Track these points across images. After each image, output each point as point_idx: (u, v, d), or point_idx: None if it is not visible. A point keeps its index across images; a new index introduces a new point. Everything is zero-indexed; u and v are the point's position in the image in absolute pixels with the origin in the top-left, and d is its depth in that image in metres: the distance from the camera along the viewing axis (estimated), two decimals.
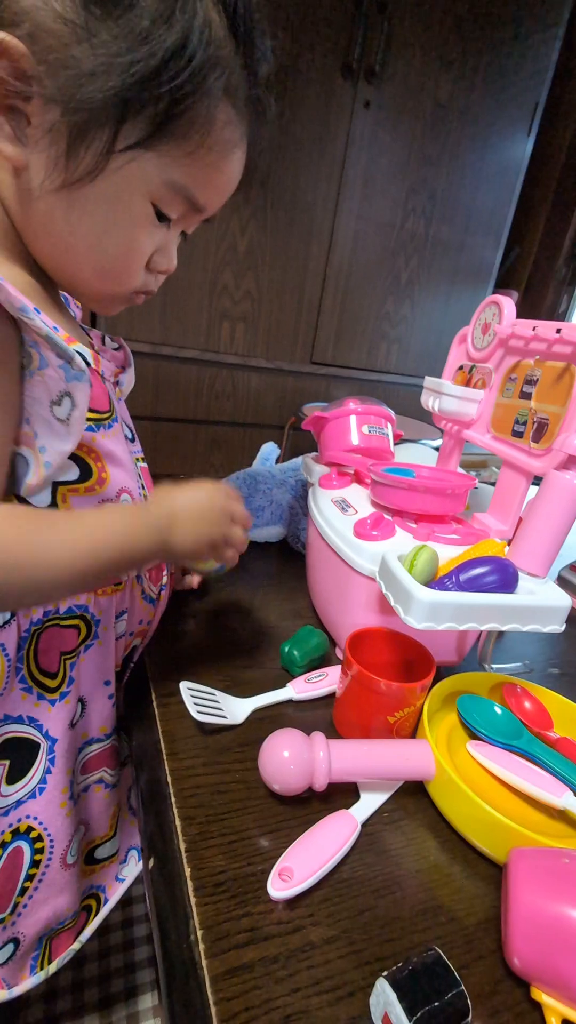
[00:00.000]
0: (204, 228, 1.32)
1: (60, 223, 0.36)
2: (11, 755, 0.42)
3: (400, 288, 1.45)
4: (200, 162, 0.37)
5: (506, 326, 0.51)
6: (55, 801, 0.44)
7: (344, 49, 1.15)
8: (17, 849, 0.43)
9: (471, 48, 1.26)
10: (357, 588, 0.49)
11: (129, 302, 0.44)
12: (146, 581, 0.50)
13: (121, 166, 0.35)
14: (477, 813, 0.36)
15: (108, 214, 0.37)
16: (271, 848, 0.35)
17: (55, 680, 0.43)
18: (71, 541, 0.36)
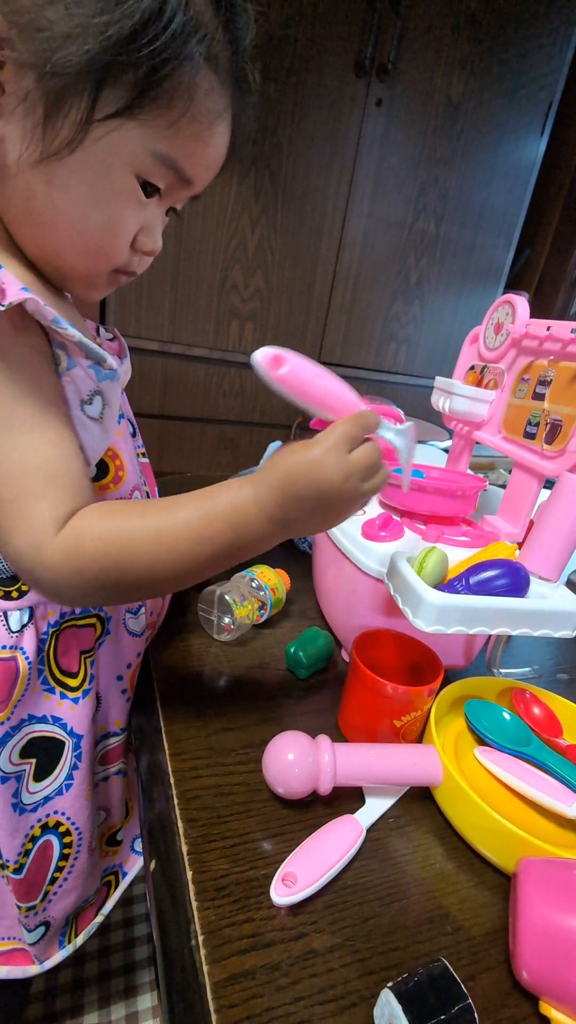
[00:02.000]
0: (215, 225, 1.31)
1: (41, 200, 0.35)
2: (37, 754, 0.43)
3: (410, 288, 1.44)
4: (184, 132, 0.35)
5: (520, 325, 0.50)
6: (82, 795, 0.45)
7: (357, 47, 1.15)
8: (47, 843, 0.45)
9: (484, 47, 1.25)
10: (364, 589, 0.49)
11: (112, 284, 0.42)
12: None
13: (102, 137, 0.33)
14: (485, 821, 0.35)
15: (90, 189, 0.35)
16: (274, 852, 0.35)
17: (77, 679, 0.43)
18: (188, 533, 0.34)
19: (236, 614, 0.52)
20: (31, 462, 0.33)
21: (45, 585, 0.34)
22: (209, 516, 0.35)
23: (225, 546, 0.35)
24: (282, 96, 1.13)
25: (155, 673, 0.49)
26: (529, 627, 0.40)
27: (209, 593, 0.54)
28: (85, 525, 0.33)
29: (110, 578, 0.34)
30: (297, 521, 0.36)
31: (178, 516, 0.35)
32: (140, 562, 0.34)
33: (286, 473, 0.34)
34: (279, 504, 0.34)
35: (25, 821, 0.44)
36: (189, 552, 0.34)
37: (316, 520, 0.36)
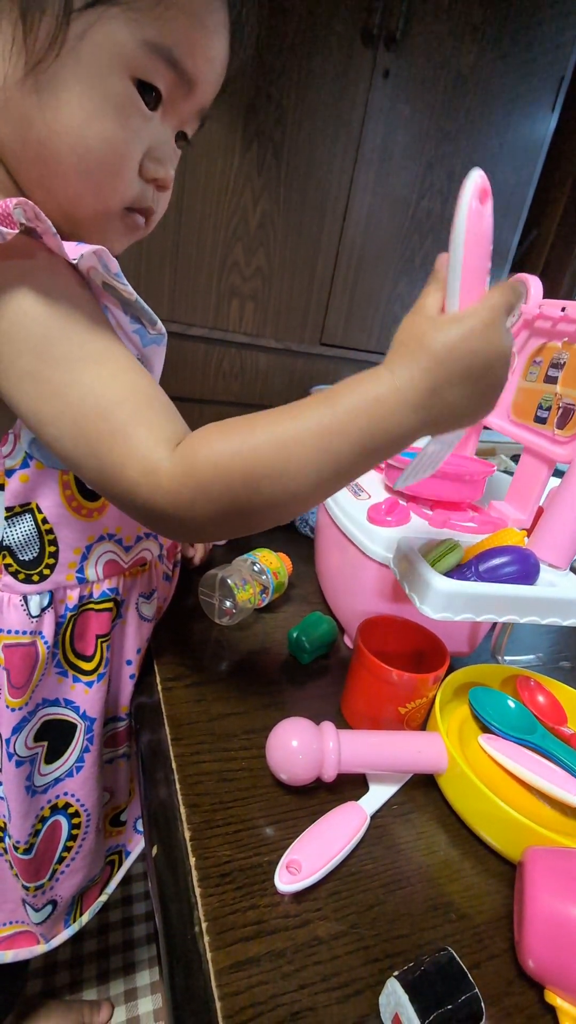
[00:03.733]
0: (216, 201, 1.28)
1: (36, 128, 0.32)
2: (49, 737, 0.43)
3: (414, 269, 1.41)
4: (175, 12, 0.32)
5: (532, 306, 0.49)
6: (92, 777, 0.46)
7: (364, 15, 1.10)
8: (56, 823, 0.45)
9: (495, 16, 1.21)
10: (369, 575, 0.48)
11: (129, 231, 0.38)
12: (165, 560, 0.50)
13: (85, 31, 0.30)
14: (490, 809, 0.35)
15: (83, 100, 0.32)
16: (277, 838, 0.35)
17: (91, 663, 0.43)
18: (319, 438, 0.29)
19: (237, 598, 0.51)
20: (120, 391, 0.30)
21: (169, 516, 0.30)
22: (342, 415, 0.29)
23: (363, 448, 0.30)
24: (286, 66, 1.09)
25: (156, 657, 0.48)
26: (538, 615, 0.40)
27: (210, 576, 0.53)
28: (200, 442, 0.30)
29: (239, 497, 0.29)
30: (453, 407, 0.30)
31: (307, 419, 0.30)
32: (269, 474, 0.29)
33: (442, 350, 0.29)
34: (432, 389, 0.29)
35: (36, 803, 0.44)
36: (322, 458, 0.29)
37: (475, 403, 0.31)
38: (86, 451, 0.30)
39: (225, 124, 1.09)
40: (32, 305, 0.30)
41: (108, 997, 0.69)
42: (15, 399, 0.31)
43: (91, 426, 0.30)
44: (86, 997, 0.69)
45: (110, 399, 0.30)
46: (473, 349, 0.29)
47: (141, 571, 0.46)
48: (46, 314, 0.30)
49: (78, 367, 0.30)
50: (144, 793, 0.39)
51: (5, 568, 0.39)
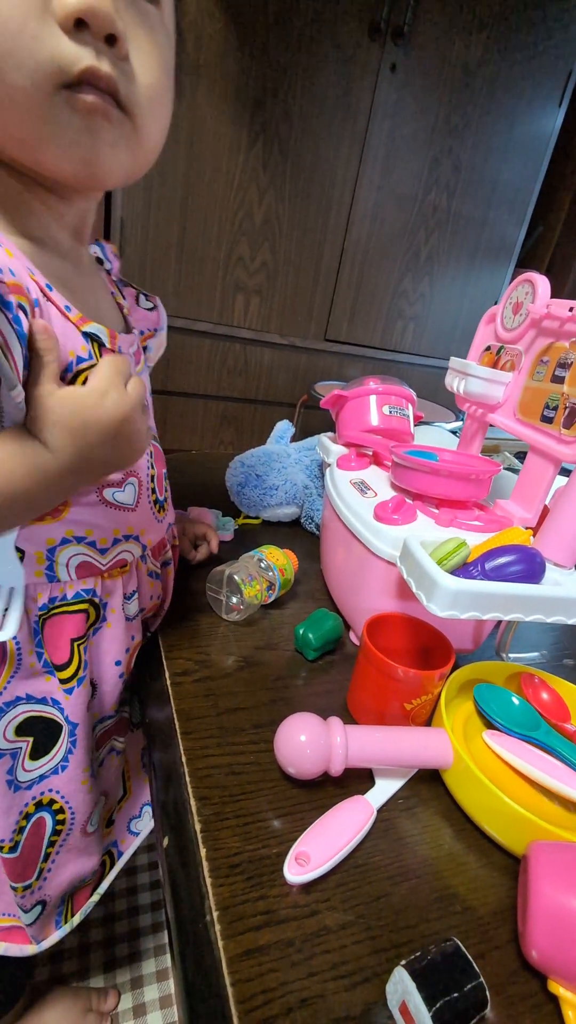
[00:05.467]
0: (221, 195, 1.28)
1: None
2: (34, 733, 0.43)
3: (419, 265, 1.41)
4: None
5: (540, 305, 0.49)
6: (77, 779, 0.45)
7: (372, 8, 1.10)
8: (40, 820, 0.44)
9: (502, 10, 1.20)
10: (375, 572, 0.48)
11: (89, 115, 0.29)
12: (149, 560, 0.48)
13: None
14: (494, 803, 0.36)
15: None
16: (285, 831, 0.35)
17: (68, 670, 0.42)
18: None
19: (244, 594, 0.52)
20: None
21: None
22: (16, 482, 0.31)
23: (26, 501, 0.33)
24: (293, 60, 1.09)
25: (165, 652, 0.49)
26: (543, 613, 0.40)
27: (218, 572, 0.53)
28: None
29: None
30: (101, 462, 0.36)
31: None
32: None
33: (78, 422, 0.32)
34: (79, 454, 0.33)
35: (20, 798, 0.43)
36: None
37: (119, 455, 0.36)
38: None
39: (231, 119, 1.09)
40: None
41: (115, 984, 0.71)
42: None
43: None
44: (93, 984, 0.70)
45: None
46: (98, 417, 0.33)
47: (122, 571, 0.45)
48: None
49: None
50: (155, 786, 0.39)
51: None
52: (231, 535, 0.69)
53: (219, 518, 0.70)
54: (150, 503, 0.46)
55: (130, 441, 0.36)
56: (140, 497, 0.45)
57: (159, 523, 0.48)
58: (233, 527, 0.70)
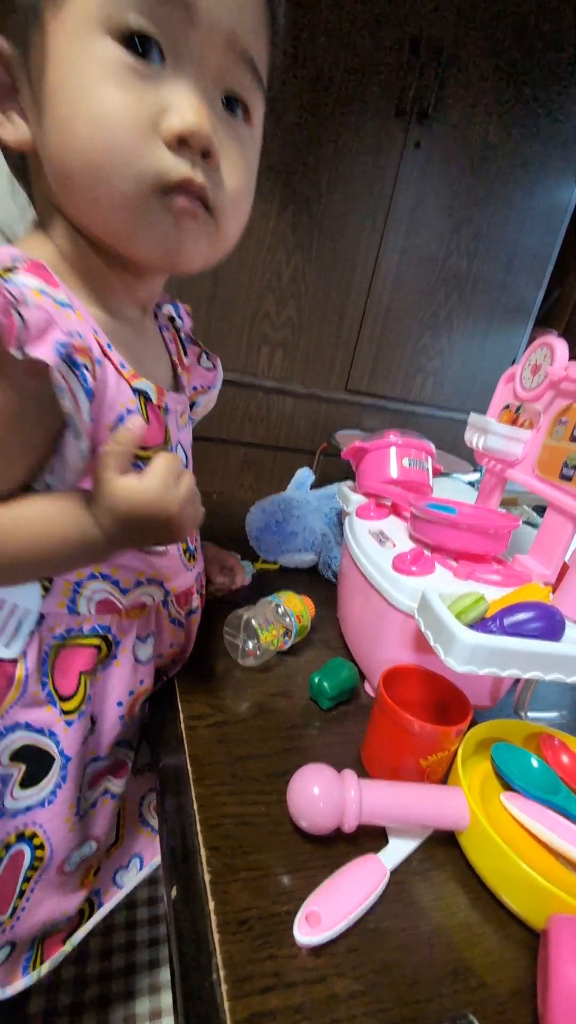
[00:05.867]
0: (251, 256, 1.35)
1: (47, 147, 0.32)
2: (27, 761, 0.42)
3: (438, 323, 1.46)
4: None
5: (559, 368, 0.51)
6: (61, 815, 0.44)
7: (399, 91, 1.19)
8: (19, 852, 0.43)
9: (522, 95, 1.29)
10: (392, 623, 0.49)
11: (181, 216, 0.33)
12: (172, 606, 0.49)
13: (57, 14, 0.30)
14: (512, 871, 0.34)
15: (67, 89, 0.30)
16: (296, 888, 0.34)
17: (73, 701, 0.43)
18: (20, 552, 0.35)
19: (261, 639, 0.52)
20: None
21: None
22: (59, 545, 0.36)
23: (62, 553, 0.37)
24: (323, 137, 1.18)
25: (180, 695, 0.49)
26: (563, 673, 0.40)
27: (236, 617, 0.54)
28: None
29: None
30: (139, 543, 0.41)
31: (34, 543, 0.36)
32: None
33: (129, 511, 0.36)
34: (122, 536, 0.37)
35: (2, 827, 0.42)
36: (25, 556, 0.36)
37: (156, 541, 0.41)
38: None
39: (264, 188, 1.17)
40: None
41: (107, 1020, 0.68)
42: None
43: None
44: (86, 1021, 0.67)
45: None
46: (151, 514, 0.36)
47: (140, 613, 0.46)
48: None
49: None
50: (164, 832, 0.39)
51: None
52: (249, 579, 0.70)
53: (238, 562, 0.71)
54: (180, 552, 0.48)
55: (178, 529, 0.39)
56: (172, 546, 0.46)
57: (187, 571, 0.50)
58: (251, 571, 0.71)
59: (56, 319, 0.31)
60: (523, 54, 1.24)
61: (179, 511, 0.37)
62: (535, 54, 1.25)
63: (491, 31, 1.20)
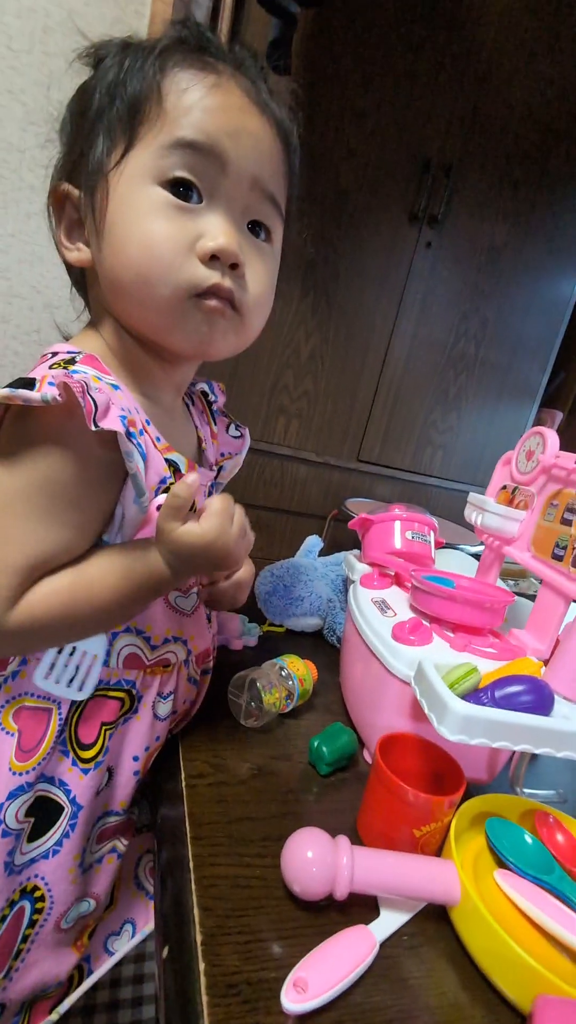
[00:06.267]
0: (272, 335, 1.45)
1: (106, 267, 0.41)
2: (36, 814, 0.43)
3: (448, 401, 1.54)
4: (181, 111, 0.38)
5: (549, 456, 0.55)
6: (65, 866, 0.44)
7: (411, 200, 1.32)
8: (20, 909, 0.44)
9: (527, 205, 1.42)
10: (391, 690, 0.50)
11: (212, 315, 0.41)
12: (192, 665, 0.52)
13: (119, 178, 0.39)
14: (502, 950, 0.35)
15: (125, 221, 0.39)
16: (285, 956, 0.35)
17: (92, 750, 0.44)
18: (105, 609, 0.41)
19: (264, 701, 0.54)
20: (21, 559, 0.38)
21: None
22: (135, 588, 0.42)
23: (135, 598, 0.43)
24: (342, 237, 1.31)
25: (183, 753, 0.50)
26: (552, 747, 0.41)
27: (240, 678, 0.56)
28: (31, 594, 0.38)
29: (52, 636, 0.41)
30: (197, 571, 0.46)
31: (111, 593, 0.41)
32: (72, 615, 0.40)
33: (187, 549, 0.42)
34: (186, 568, 0.43)
35: (10, 883, 0.43)
36: (112, 603, 0.41)
37: (210, 569, 0.47)
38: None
39: (286, 277, 1.29)
40: (41, 464, 0.37)
41: None
42: None
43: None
44: None
45: (4, 561, 0.37)
46: (209, 553, 0.42)
47: (163, 671, 0.48)
48: (39, 475, 0.37)
49: (11, 527, 0.37)
50: (159, 889, 0.40)
51: None
52: (255, 640, 0.72)
53: (245, 623, 0.74)
54: (205, 612, 0.52)
55: (234, 559, 0.45)
56: (198, 606, 0.50)
57: (208, 632, 0.53)
58: (258, 633, 0.73)
59: (113, 398, 0.37)
60: (527, 168, 1.39)
61: (235, 545, 0.44)
62: (538, 166, 1.40)
63: (496, 150, 1.35)
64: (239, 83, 0.41)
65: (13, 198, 1.31)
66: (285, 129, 0.44)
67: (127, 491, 0.41)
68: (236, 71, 0.41)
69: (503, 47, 1.29)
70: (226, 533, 0.43)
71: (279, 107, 0.44)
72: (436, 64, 1.25)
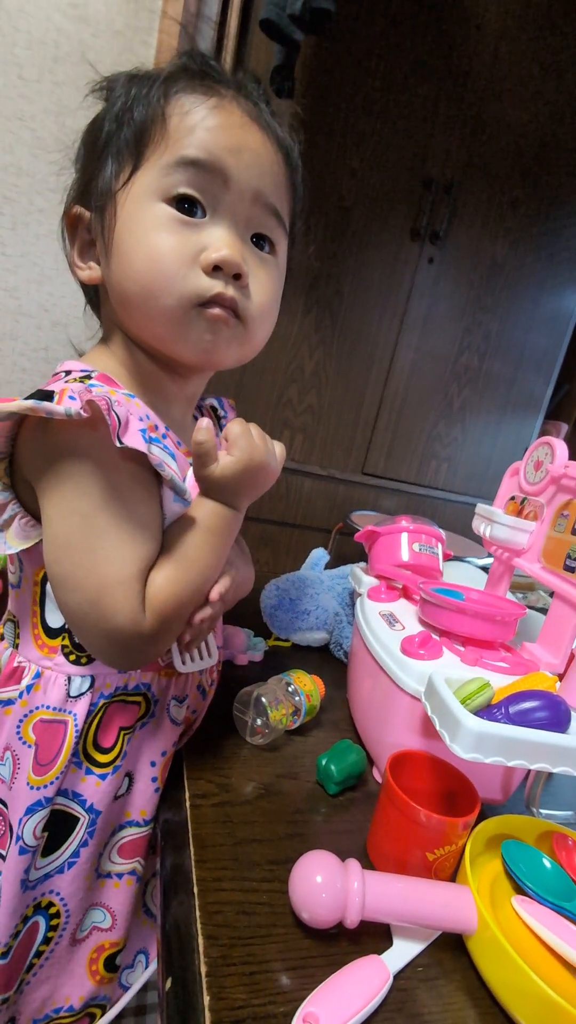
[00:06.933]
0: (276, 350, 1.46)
1: (114, 282, 0.42)
2: (50, 828, 0.43)
3: (452, 413, 1.53)
4: (183, 131, 0.39)
5: (558, 466, 0.54)
6: (82, 875, 0.44)
7: (414, 218, 1.34)
8: (35, 925, 0.44)
9: (526, 222, 1.44)
10: (400, 706, 0.49)
11: (216, 323, 0.42)
12: (204, 672, 0.52)
13: (130, 191, 0.40)
14: (523, 984, 0.33)
15: (132, 238, 0.40)
16: (293, 988, 0.33)
17: (110, 755, 0.45)
18: (210, 569, 0.44)
19: (270, 717, 0.52)
20: (129, 570, 0.39)
21: (141, 651, 0.41)
22: (213, 540, 0.44)
23: (224, 546, 0.45)
24: (346, 254, 1.32)
25: (187, 772, 0.49)
26: (571, 765, 0.39)
27: (246, 694, 0.55)
28: (151, 591, 0.40)
29: (183, 613, 0.43)
30: (252, 495, 0.47)
31: (200, 560, 0.43)
32: (191, 589, 0.42)
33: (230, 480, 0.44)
34: (235, 499, 0.45)
35: (25, 899, 0.43)
36: (212, 561, 0.44)
37: (262, 488, 0.47)
38: (89, 601, 0.39)
39: (291, 293, 1.31)
40: (90, 479, 0.38)
41: None
42: (47, 545, 0.39)
43: (96, 590, 0.38)
44: None
45: (117, 577, 0.38)
46: (250, 471, 0.44)
47: (176, 673, 0.49)
48: (95, 491, 0.38)
49: (105, 546, 0.38)
50: (162, 916, 0.38)
51: (61, 648, 0.43)
52: (261, 655, 0.71)
53: (251, 637, 0.72)
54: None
55: (273, 470, 0.47)
56: None
57: (213, 637, 0.53)
58: (263, 647, 0.72)
59: (131, 409, 0.38)
60: (527, 185, 1.40)
61: (265, 456, 0.45)
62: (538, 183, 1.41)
63: (497, 168, 1.37)
64: (240, 104, 0.42)
65: (23, 221, 1.33)
66: (286, 146, 0.45)
67: (164, 492, 0.42)
68: (238, 94, 0.42)
69: (502, 67, 1.31)
70: (256, 449, 0.44)
71: (280, 126, 0.45)
72: (436, 85, 1.28)
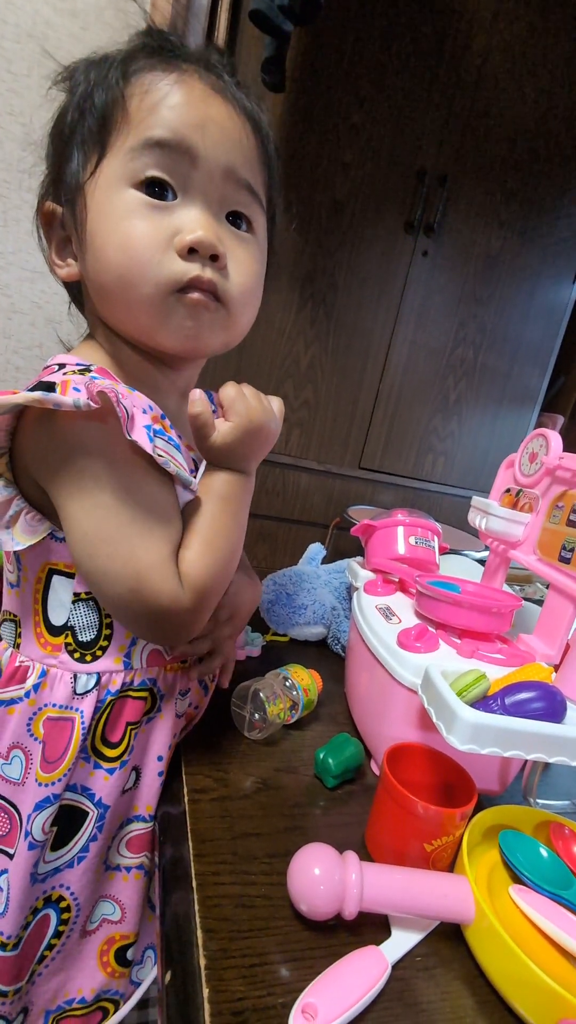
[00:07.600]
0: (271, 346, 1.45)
1: (91, 276, 0.41)
2: (60, 823, 0.44)
3: (448, 407, 1.53)
4: (146, 112, 0.38)
5: (553, 458, 0.54)
6: (92, 869, 0.45)
7: (408, 210, 1.33)
8: (45, 917, 0.44)
9: (521, 213, 1.43)
10: (397, 699, 0.49)
11: (196, 307, 0.40)
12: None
13: (98, 181, 0.39)
14: (520, 972, 0.33)
15: (104, 227, 0.39)
16: (292, 980, 0.33)
17: (117, 749, 0.45)
18: (234, 535, 0.45)
19: (268, 712, 0.53)
20: (160, 554, 0.39)
21: (186, 625, 0.42)
22: (234, 507, 0.45)
23: (243, 511, 0.46)
24: (340, 247, 1.31)
25: (185, 766, 0.49)
26: (567, 755, 0.40)
27: (244, 688, 0.55)
28: (184, 568, 0.41)
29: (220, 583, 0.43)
30: (257, 454, 0.46)
31: (227, 530, 0.44)
32: (221, 558, 0.43)
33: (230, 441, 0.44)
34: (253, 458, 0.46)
35: (34, 892, 0.43)
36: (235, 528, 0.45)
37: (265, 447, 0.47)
38: (130, 590, 0.39)
39: (286, 287, 1.30)
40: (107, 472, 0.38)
41: None
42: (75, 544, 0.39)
43: (135, 578, 0.38)
44: None
45: (151, 561, 0.38)
46: (250, 431, 0.44)
47: (181, 668, 0.49)
48: (114, 483, 0.38)
49: (134, 534, 0.38)
50: (161, 910, 0.38)
51: (65, 647, 0.43)
52: (258, 651, 0.71)
53: (248, 633, 0.72)
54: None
55: (275, 426, 0.46)
56: None
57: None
58: (261, 643, 0.72)
59: (136, 402, 0.38)
60: (521, 175, 1.40)
61: (263, 415, 0.44)
62: (532, 175, 1.40)
63: (490, 159, 1.36)
64: (202, 77, 0.40)
65: (14, 216, 1.32)
66: (254, 117, 0.43)
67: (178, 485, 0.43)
68: (199, 67, 0.40)
69: (495, 59, 1.30)
70: (252, 409, 0.44)
71: (247, 96, 0.43)
72: (429, 76, 1.27)
